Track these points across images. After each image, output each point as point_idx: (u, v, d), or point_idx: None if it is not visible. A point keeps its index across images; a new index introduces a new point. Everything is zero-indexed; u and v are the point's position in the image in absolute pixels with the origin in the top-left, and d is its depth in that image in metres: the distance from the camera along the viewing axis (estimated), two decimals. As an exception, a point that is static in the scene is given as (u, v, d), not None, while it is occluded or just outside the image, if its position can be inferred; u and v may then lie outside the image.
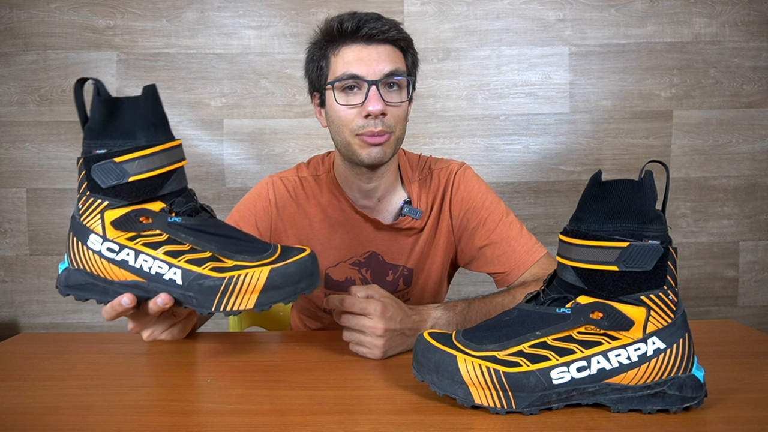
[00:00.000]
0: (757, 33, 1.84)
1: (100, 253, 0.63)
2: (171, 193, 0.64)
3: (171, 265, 0.62)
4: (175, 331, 0.78)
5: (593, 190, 0.56)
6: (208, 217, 0.66)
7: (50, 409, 0.59)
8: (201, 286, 0.62)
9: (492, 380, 0.55)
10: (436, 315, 0.81)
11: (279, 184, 1.04)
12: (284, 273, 0.63)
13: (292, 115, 1.86)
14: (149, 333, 0.76)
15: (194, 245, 0.63)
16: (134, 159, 0.60)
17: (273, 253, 0.64)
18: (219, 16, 1.83)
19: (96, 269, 0.64)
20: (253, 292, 0.62)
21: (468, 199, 1.02)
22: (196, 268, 0.62)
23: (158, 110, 0.63)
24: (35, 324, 1.91)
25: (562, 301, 0.57)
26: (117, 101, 0.60)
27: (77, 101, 0.62)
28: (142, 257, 0.63)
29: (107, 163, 0.60)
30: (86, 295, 0.66)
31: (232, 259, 0.63)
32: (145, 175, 0.61)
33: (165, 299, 0.64)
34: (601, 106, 1.87)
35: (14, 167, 1.86)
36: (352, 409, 0.59)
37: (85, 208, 0.63)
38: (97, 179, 0.61)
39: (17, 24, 1.81)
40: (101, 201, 0.62)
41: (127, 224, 0.62)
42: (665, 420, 0.55)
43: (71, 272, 0.66)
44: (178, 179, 0.65)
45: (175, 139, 0.65)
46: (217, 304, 0.62)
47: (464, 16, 1.84)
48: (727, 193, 1.90)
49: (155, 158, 0.61)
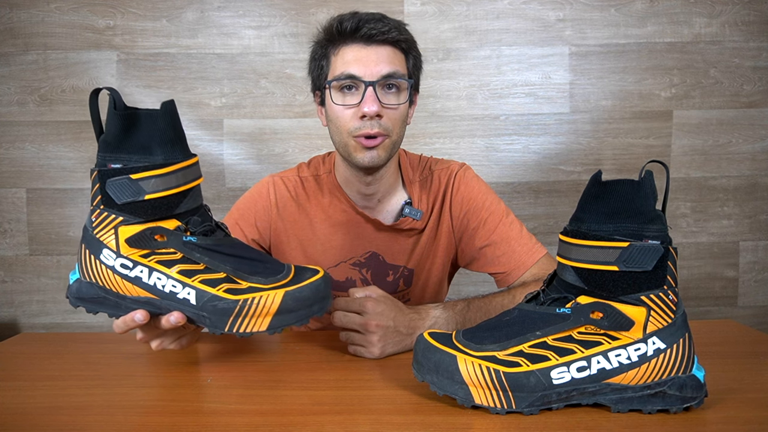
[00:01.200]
0: (757, 33, 1.84)
1: (113, 268, 0.62)
2: (187, 211, 0.63)
3: (185, 284, 0.62)
4: (184, 341, 0.76)
5: (593, 190, 0.56)
6: (223, 236, 0.65)
7: (50, 409, 0.59)
8: (215, 307, 0.61)
9: (492, 380, 0.55)
10: (435, 314, 0.81)
11: (280, 184, 1.04)
12: (298, 297, 0.62)
13: (292, 115, 1.86)
14: (158, 343, 0.74)
15: (209, 265, 0.62)
16: (151, 177, 0.59)
17: (287, 275, 0.64)
18: (219, 16, 1.83)
19: (108, 284, 0.63)
20: (267, 315, 0.62)
21: (468, 200, 1.02)
22: (210, 289, 0.62)
23: (176, 126, 0.61)
24: (35, 324, 1.91)
25: (562, 301, 0.58)
26: (134, 115, 0.59)
27: (92, 112, 0.61)
28: (156, 275, 0.62)
29: (123, 179, 0.59)
30: (97, 308, 0.65)
31: (247, 280, 0.63)
32: (161, 194, 0.60)
33: (178, 318, 0.63)
34: (601, 106, 1.87)
35: (14, 167, 1.86)
36: (352, 409, 0.59)
37: (99, 221, 0.62)
38: (112, 194, 0.59)
39: (17, 24, 1.80)
40: (116, 216, 0.61)
41: (142, 242, 0.61)
42: (665, 420, 0.55)
43: (83, 284, 0.65)
44: (194, 197, 0.63)
45: (192, 156, 0.63)
46: (230, 325, 0.62)
47: (464, 16, 1.84)
48: (727, 193, 1.90)
49: (172, 177, 0.60)
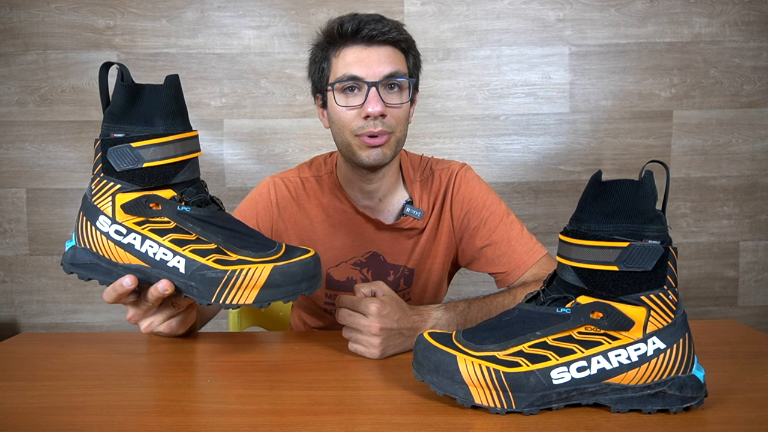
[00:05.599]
0: (757, 33, 1.84)
1: (107, 234, 0.64)
2: (183, 182, 0.65)
3: (176, 253, 0.63)
4: (174, 323, 0.75)
5: (593, 190, 0.56)
6: (216, 210, 0.67)
7: (50, 409, 0.59)
8: (203, 276, 0.62)
9: (492, 380, 0.55)
10: (436, 315, 0.81)
11: (280, 185, 1.04)
12: (286, 272, 0.63)
13: (292, 115, 1.86)
14: (147, 323, 0.73)
15: (200, 236, 0.64)
16: (150, 146, 0.61)
17: (277, 251, 0.65)
18: (219, 16, 1.83)
19: (102, 250, 0.65)
20: (254, 288, 0.62)
21: (469, 200, 1.03)
22: (200, 258, 0.63)
23: (179, 100, 0.64)
24: (35, 324, 1.91)
25: (562, 301, 0.57)
26: (139, 87, 0.62)
27: (101, 84, 0.63)
28: (148, 243, 0.63)
29: (123, 147, 0.61)
30: (90, 274, 0.67)
31: (237, 253, 0.64)
32: (159, 162, 0.62)
33: (166, 285, 0.64)
34: (601, 106, 1.87)
35: (14, 167, 1.86)
36: (352, 409, 0.59)
37: (98, 189, 0.64)
38: (112, 162, 0.62)
39: (17, 24, 1.81)
40: (114, 184, 0.63)
41: (137, 209, 0.63)
42: (665, 420, 0.55)
43: (77, 251, 0.67)
44: (191, 169, 0.66)
45: (193, 130, 0.66)
46: (217, 296, 0.63)
47: (464, 16, 1.84)
48: (727, 193, 1.90)
49: (171, 147, 0.62)
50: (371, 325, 0.73)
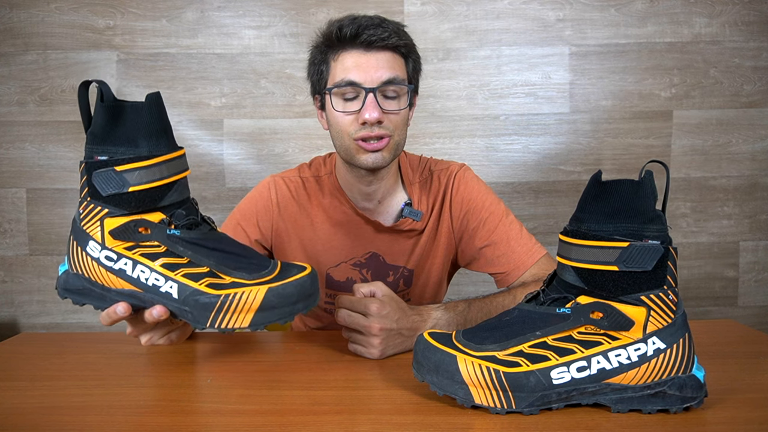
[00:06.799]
0: (757, 33, 1.84)
1: (98, 260, 0.63)
2: (172, 204, 0.63)
3: (168, 278, 0.62)
4: (174, 336, 0.78)
5: (593, 190, 0.56)
6: (208, 230, 0.65)
7: (50, 409, 0.59)
8: (197, 302, 0.61)
9: (492, 380, 0.55)
10: (436, 316, 0.81)
11: (281, 184, 1.04)
12: (281, 293, 0.62)
13: (292, 115, 1.86)
14: (147, 338, 0.76)
15: (192, 259, 0.62)
16: (135, 169, 0.59)
17: (272, 271, 0.63)
18: (219, 16, 1.83)
19: (94, 276, 0.64)
20: (249, 312, 0.61)
21: (468, 200, 1.02)
22: (192, 283, 0.61)
23: (162, 118, 0.61)
24: (35, 324, 1.91)
25: (562, 301, 0.57)
26: (120, 107, 0.59)
27: (81, 104, 0.61)
28: (140, 268, 0.62)
29: (108, 171, 0.59)
30: (83, 300, 0.66)
31: (230, 275, 0.62)
32: (145, 186, 0.60)
33: (160, 311, 0.63)
34: (601, 106, 1.87)
35: (14, 167, 1.86)
36: (352, 409, 0.59)
37: (86, 213, 0.62)
38: (98, 186, 0.60)
39: (17, 24, 1.80)
40: (101, 208, 0.61)
41: (126, 234, 0.61)
42: (665, 420, 0.55)
43: (70, 276, 0.66)
44: (180, 190, 0.64)
45: (179, 149, 0.63)
46: (212, 320, 0.62)
47: (464, 16, 1.84)
48: (727, 193, 1.90)
49: (156, 169, 0.60)
50: (371, 325, 0.73)
